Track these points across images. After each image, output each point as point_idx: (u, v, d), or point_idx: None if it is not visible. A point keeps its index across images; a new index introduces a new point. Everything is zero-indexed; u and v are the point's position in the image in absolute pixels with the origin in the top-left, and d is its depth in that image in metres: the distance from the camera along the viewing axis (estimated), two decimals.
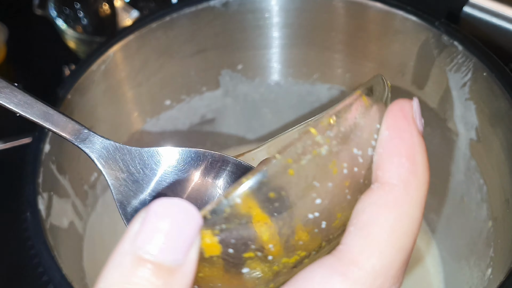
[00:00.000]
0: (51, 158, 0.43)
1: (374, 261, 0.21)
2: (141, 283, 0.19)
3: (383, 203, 0.22)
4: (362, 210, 0.22)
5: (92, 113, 0.48)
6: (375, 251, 0.21)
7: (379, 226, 0.22)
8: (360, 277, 0.21)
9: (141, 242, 0.20)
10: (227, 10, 0.52)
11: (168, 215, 0.20)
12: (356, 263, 0.21)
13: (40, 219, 0.38)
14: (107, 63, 0.48)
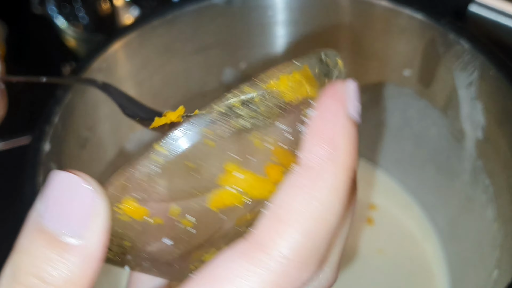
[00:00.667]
0: (52, 158, 0.42)
1: (281, 246, 0.20)
2: (36, 254, 0.19)
3: (297, 185, 0.21)
4: (278, 192, 0.21)
5: (93, 112, 0.48)
6: (282, 235, 0.20)
7: (288, 209, 0.20)
8: (267, 263, 0.20)
9: (39, 210, 0.20)
10: (230, 8, 0.51)
11: (60, 186, 0.20)
12: (265, 248, 0.20)
13: None
14: (109, 61, 0.47)
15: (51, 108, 0.43)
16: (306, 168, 0.21)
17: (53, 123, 0.42)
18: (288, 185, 0.21)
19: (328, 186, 0.21)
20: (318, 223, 0.21)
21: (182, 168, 0.21)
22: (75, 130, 0.46)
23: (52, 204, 0.19)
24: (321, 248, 0.21)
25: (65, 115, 0.44)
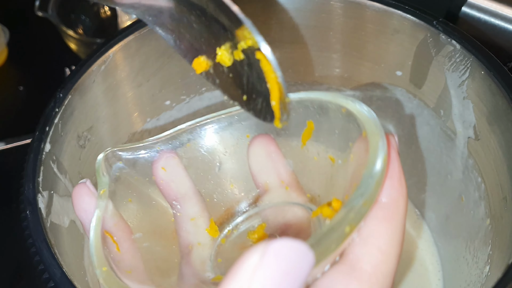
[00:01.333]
0: (52, 158, 0.43)
1: (378, 267, 0.25)
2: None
3: (380, 217, 0.26)
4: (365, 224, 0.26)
5: (93, 113, 0.48)
6: (378, 258, 0.26)
7: (379, 237, 0.26)
8: (368, 281, 0.25)
9: (259, 278, 0.20)
10: None
11: (287, 257, 0.20)
12: (365, 270, 0.25)
13: (40, 217, 0.38)
14: (107, 63, 0.48)
15: (51, 108, 0.43)
16: (383, 204, 0.26)
17: (53, 123, 0.43)
18: (371, 217, 0.26)
19: (402, 215, 0.27)
20: (399, 245, 0.27)
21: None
22: (74, 131, 0.46)
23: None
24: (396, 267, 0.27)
25: (65, 115, 0.44)
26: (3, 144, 0.67)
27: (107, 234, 0.26)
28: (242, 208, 0.32)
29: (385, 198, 0.26)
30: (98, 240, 0.26)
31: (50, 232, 0.39)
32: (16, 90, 0.76)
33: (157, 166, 0.32)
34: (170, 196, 0.33)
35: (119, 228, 0.30)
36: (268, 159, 0.33)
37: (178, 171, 0.33)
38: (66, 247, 0.42)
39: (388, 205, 0.26)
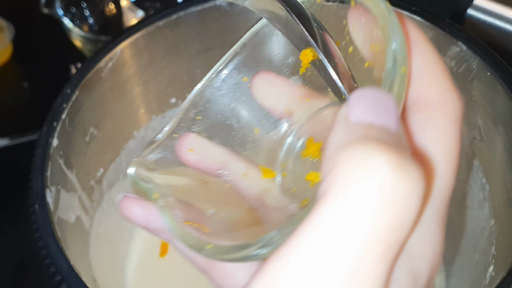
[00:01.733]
0: (59, 153, 0.43)
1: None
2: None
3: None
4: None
5: (99, 109, 0.49)
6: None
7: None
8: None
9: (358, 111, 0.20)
10: (233, 9, 0.52)
11: (371, 100, 0.20)
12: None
13: (48, 212, 0.39)
14: (115, 60, 0.48)
15: (59, 104, 0.44)
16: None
17: (61, 119, 0.43)
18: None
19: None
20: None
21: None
22: (81, 127, 0.46)
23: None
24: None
25: (73, 111, 0.45)
26: (7, 141, 0.67)
27: (187, 223, 0.26)
28: (280, 142, 0.32)
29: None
30: (183, 232, 0.26)
31: (57, 226, 0.39)
32: (21, 87, 0.76)
33: (183, 152, 0.32)
34: (212, 170, 0.32)
35: (191, 212, 0.29)
36: (274, 88, 0.32)
37: (205, 145, 0.32)
38: (72, 242, 0.42)
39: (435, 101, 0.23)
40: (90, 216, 0.48)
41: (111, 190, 0.53)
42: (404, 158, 0.18)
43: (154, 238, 0.57)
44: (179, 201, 0.28)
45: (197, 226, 0.26)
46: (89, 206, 0.48)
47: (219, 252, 0.24)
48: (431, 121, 0.23)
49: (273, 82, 0.32)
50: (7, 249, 0.59)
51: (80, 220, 0.46)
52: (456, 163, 0.23)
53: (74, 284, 0.36)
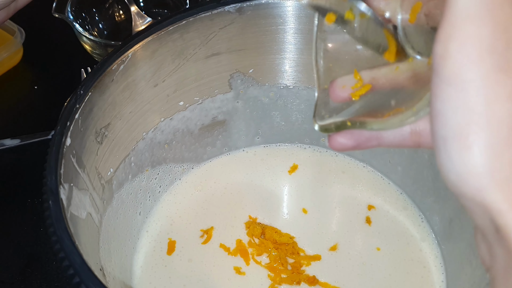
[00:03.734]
0: (71, 152, 0.44)
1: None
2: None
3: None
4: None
5: (110, 111, 0.50)
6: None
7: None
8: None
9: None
10: (241, 15, 0.54)
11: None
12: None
13: (62, 208, 0.40)
14: (126, 63, 0.50)
15: (72, 104, 0.45)
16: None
17: (74, 118, 0.45)
18: None
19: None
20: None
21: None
22: (93, 127, 0.48)
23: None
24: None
25: (85, 111, 0.46)
26: (18, 141, 0.69)
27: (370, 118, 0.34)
28: (394, 31, 0.35)
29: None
30: (381, 123, 0.34)
31: (70, 222, 0.40)
32: (31, 90, 0.78)
33: (338, 93, 0.37)
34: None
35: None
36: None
37: (349, 78, 0.37)
38: (83, 238, 0.43)
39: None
40: (100, 214, 0.50)
41: (120, 190, 0.54)
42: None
43: (161, 237, 0.58)
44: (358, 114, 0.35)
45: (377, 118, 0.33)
46: (99, 205, 0.50)
47: (404, 121, 0.32)
48: None
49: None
50: (17, 246, 0.61)
51: (91, 218, 0.47)
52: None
53: (87, 277, 0.37)
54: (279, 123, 0.65)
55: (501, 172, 0.24)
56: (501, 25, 0.23)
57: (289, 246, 0.57)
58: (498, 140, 0.23)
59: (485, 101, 0.23)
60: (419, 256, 0.57)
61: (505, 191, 0.24)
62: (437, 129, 0.25)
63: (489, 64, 0.23)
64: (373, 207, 0.61)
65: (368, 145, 0.36)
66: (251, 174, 0.65)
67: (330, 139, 0.36)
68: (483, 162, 0.24)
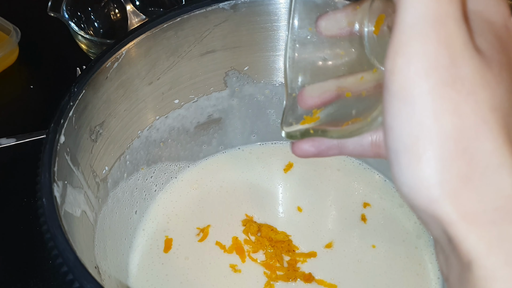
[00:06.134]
0: (65, 149, 0.44)
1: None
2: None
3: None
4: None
5: (105, 109, 0.50)
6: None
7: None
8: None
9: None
10: (236, 13, 0.54)
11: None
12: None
13: (55, 205, 0.40)
14: (120, 60, 0.50)
15: (66, 102, 0.45)
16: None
17: (68, 116, 0.45)
18: None
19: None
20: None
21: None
22: (87, 125, 0.48)
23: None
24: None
25: (79, 109, 0.46)
26: (14, 141, 0.68)
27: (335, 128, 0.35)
28: (361, 43, 0.36)
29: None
30: (341, 132, 0.35)
31: (64, 220, 0.40)
32: (27, 89, 0.78)
33: (306, 101, 0.39)
34: (333, 98, 0.38)
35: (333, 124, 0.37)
36: (331, 20, 0.36)
37: (317, 87, 0.38)
38: (78, 236, 0.43)
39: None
40: (95, 212, 0.50)
41: (116, 188, 0.54)
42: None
43: (158, 235, 0.58)
44: (322, 123, 0.37)
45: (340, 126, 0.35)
46: (94, 203, 0.49)
47: (359, 130, 0.33)
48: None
49: (328, 18, 0.36)
50: (13, 245, 0.61)
51: (86, 216, 0.47)
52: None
53: (81, 275, 0.37)
54: (274, 121, 0.65)
55: (450, 183, 0.24)
56: (444, 41, 0.24)
57: (285, 243, 0.57)
58: (446, 152, 0.24)
59: (432, 115, 0.24)
60: (415, 254, 0.57)
61: (455, 202, 0.24)
62: (389, 142, 0.26)
63: (435, 79, 0.24)
64: (369, 205, 0.61)
65: (329, 153, 0.38)
66: (247, 172, 0.65)
67: (293, 146, 0.38)
68: (433, 174, 0.24)
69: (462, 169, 0.24)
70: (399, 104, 0.25)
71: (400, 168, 0.25)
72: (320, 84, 0.38)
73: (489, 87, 0.25)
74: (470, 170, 0.24)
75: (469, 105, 0.24)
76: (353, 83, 0.36)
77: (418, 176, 0.25)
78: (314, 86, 0.38)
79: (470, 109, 0.24)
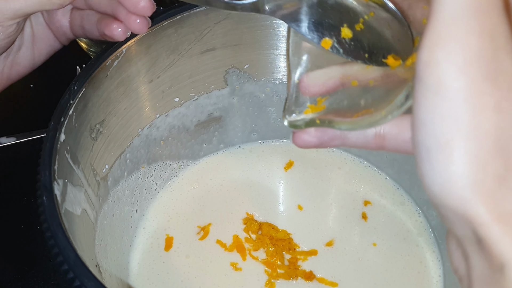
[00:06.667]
0: (66, 148, 0.44)
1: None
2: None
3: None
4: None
5: (105, 107, 0.50)
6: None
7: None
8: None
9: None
10: None
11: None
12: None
13: (56, 203, 0.40)
14: (120, 58, 0.49)
15: (66, 100, 0.45)
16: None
17: (68, 114, 0.44)
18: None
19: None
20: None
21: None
22: (87, 123, 0.48)
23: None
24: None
25: (79, 107, 0.46)
26: (14, 140, 0.68)
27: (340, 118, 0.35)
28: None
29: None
30: (350, 123, 0.34)
31: (65, 218, 0.40)
32: (27, 88, 0.78)
33: (309, 88, 0.38)
34: (337, 86, 0.37)
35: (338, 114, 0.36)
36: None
37: (320, 74, 0.38)
38: (78, 234, 0.43)
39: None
40: (96, 210, 0.50)
41: (116, 187, 0.54)
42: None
43: (159, 233, 0.58)
44: (327, 113, 0.36)
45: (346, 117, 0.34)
46: (94, 201, 0.49)
47: (372, 123, 0.32)
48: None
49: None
50: (13, 244, 0.60)
51: (86, 214, 0.47)
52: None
53: (82, 273, 0.37)
54: (275, 119, 0.65)
55: (485, 184, 0.23)
56: (488, 34, 0.23)
57: (286, 242, 0.57)
58: (483, 151, 0.23)
59: (471, 111, 0.23)
60: (416, 251, 0.57)
61: (489, 203, 0.23)
62: (421, 139, 0.25)
63: (476, 73, 0.23)
64: (369, 203, 0.61)
65: (331, 144, 0.36)
66: (247, 171, 0.65)
67: (294, 136, 0.37)
68: (467, 174, 0.23)
69: (499, 169, 0.23)
70: (435, 98, 0.24)
71: (432, 166, 0.24)
72: (323, 71, 0.37)
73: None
74: (507, 170, 0.23)
75: (510, 102, 0.23)
76: (359, 71, 0.35)
77: (451, 175, 0.24)
78: (318, 72, 0.37)
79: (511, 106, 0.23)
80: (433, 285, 0.54)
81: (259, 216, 0.60)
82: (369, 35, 0.35)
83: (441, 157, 0.24)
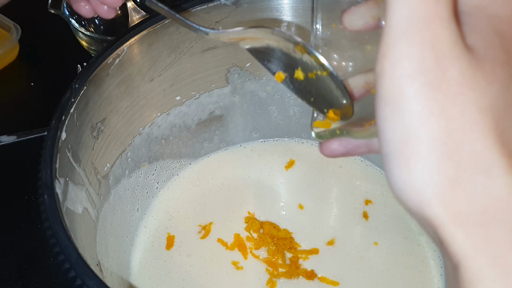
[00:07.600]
0: (67, 146, 0.44)
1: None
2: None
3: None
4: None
5: (106, 105, 0.50)
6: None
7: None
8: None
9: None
10: (238, 9, 0.53)
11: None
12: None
13: (57, 202, 0.40)
14: (121, 57, 0.49)
15: (67, 98, 0.45)
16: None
17: (69, 113, 0.44)
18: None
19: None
20: None
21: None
22: (89, 121, 0.48)
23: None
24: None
25: (80, 106, 0.46)
26: (15, 138, 0.68)
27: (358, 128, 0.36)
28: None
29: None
30: (368, 133, 0.35)
31: (66, 217, 0.40)
32: (27, 86, 0.78)
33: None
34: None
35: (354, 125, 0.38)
36: (355, 14, 0.37)
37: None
38: (79, 233, 0.43)
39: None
40: (97, 209, 0.49)
41: (117, 185, 0.54)
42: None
43: (160, 232, 0.58)
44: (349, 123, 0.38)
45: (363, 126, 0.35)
46: (96, 200, 0.49)
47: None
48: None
49: (351, 13, 0.37)
50: (14, 243, 0.60)
51: (87, 213, 0.47)
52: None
53: (83, 271, 0.37)
54: (276, 117, 0.65)
55: (439, 186, 0.24)
56: (429, 43, 0.24)
57: (287, 240, 0.57)
58: (434, 155, 0.24)
59: (419, 118, 0.24)
60: (417, 250, 0.57)
61: (444, 204, 0.24)
62: (381, 146, 0.26)
63: (421, 82, 0.24)
64: (371, 202, 0.61)
65: (358, 152, 0.37)
66: (248, 169, 0.65)
67: (321, 146, 0.38)
68: (422, 177, 0.24)
69: (451, 171, 0.24)
70: (388, 108, 0.25)
71: (391, 171, 0.26)
72: (350, 80, 0.38)
73: (478, 88, 0.24)
74: (458, 172, 0.24)
75: (457, 107, 0.24)
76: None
77: (408, 179, 0.25)
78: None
79: (458, 111, 0.24)
80: (434, 284, 0.54)
81: (260, 215, 0.60)
82: (318, 85, 0.37)
83: (397, 163, 0.25)
